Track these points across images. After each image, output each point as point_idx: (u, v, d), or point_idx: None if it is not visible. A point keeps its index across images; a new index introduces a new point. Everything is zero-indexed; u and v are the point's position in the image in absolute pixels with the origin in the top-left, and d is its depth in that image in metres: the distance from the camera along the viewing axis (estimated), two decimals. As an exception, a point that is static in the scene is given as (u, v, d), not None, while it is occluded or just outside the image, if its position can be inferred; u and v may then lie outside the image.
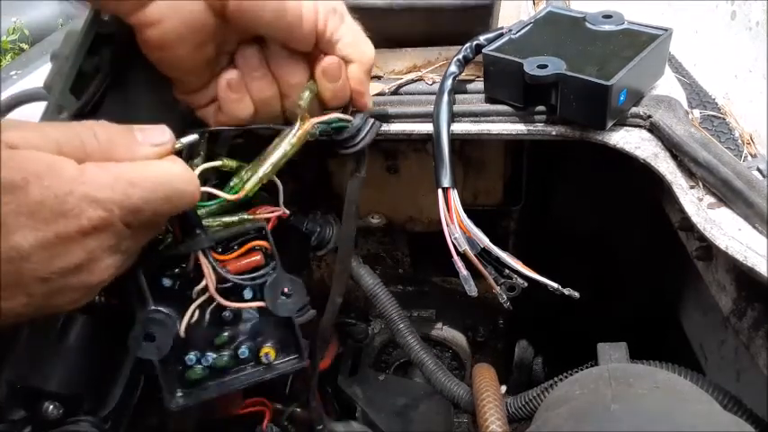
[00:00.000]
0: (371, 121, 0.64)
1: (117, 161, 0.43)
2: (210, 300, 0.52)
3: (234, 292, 0.54)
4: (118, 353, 0.59)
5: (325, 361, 0.91)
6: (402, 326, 0.74)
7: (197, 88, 0.54)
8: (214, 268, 0.51)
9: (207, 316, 0.54)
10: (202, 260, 0.51)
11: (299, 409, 0.87)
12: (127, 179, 0.42)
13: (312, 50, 0.54)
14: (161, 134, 0.47)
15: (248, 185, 0.54)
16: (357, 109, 0.60)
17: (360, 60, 0.55)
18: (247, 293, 0.54)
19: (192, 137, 0.50)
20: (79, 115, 0.52)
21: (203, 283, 0.52)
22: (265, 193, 0.62)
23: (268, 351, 0.56)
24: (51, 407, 0.54)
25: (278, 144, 0.56)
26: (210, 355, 0.55)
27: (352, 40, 0.55)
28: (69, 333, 0.55)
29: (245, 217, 0.57)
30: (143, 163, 0.44)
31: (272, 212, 0.59)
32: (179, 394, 0.54)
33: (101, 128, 0.44)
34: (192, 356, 0.54)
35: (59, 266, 0.40)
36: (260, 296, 0.54)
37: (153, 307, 0.51)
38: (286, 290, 0.54)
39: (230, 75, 0.54)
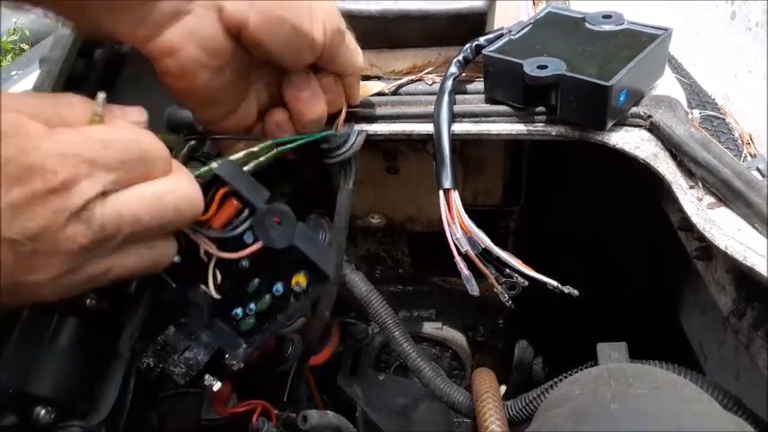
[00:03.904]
0: (357, 131, 0.65)
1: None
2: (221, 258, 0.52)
3: (235, 243, 0.52)
4: (110, 356, 0.59)
5: (324, 355, 0.90)
6: (397, 333, 0.73)
7: (218, 118, 0.54)
8: (200, 233, 0.51)
9: (227, 274, 0.54)
10: (187, 229, 0.50)
11: (293, 414, 0.87)
12: (99, 138, 0.40)
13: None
14: (138, 114, 0.46)
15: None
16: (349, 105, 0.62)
17: (353, 74, 0.57)
18: (248, 238, 0.53)
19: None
20: None
21: (202, 248, 0.51)
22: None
23: (299, 279, 0.55)
24: (43, 411, 0.53)
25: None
26: (251, 304, 0.55)
27: (350, 56, 0.56)
28: (61, 336, 0.55)
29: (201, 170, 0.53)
30: (114, 126, 0.43)
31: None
32: (243, 347, 0.56)
33: (79, 101, 0.43)
34: (237, 311, 0.55)
35: (24, 227, 0.38)
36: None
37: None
38: (274, 220, 0.53)
39: (279, 116, 0.57)
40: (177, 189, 0.45)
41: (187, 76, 0.48)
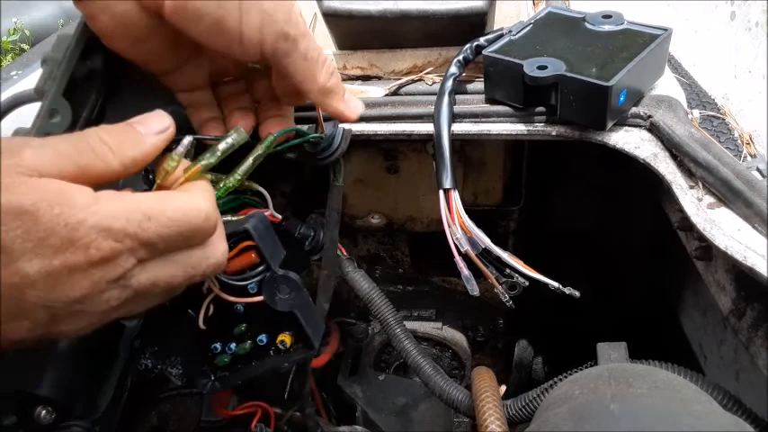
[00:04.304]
0: (342, 129, 0.66)
1: (131, 158, 0.43)
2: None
3: (239, 288, 0.56)
4: (107, 356, 0.59)
5: (324, 357, 0.90)
6: (398, 330, 0.73)
7: (160, 74, 0.55)
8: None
9: (221, 310, 0.57)
10: None
11: (297, 414, 0.88)
12: (143, 211, 0.41)
13: None
14: (160, 121, 0.46)
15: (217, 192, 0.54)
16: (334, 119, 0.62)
17: (312, 90, 0.54)
18: (252, 288, 0.56)
19: (188, 138, 0.49)
20: (85, 125, 0.52)
21: (206, 283, 0.55)
22: (257, 199, 0.62)
23: (284, 338, 0.58)
24: (44, 412, 0.54)
25: (246, 157, 0.57)
26: (232, 344, 0.58)
27: (302, 67, 0.53)
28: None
29: (231, 219, 0.58)
30: (161, 195, 0.44)
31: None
32: (211, 380, 0.59)
33: (106, 133, 0.43)
34: (217, 345, 0.58)
35: (65, 295, 0.39)
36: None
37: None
38: (283, 287, 0.56)
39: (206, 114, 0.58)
40: (211, 257, 0.46)
41: (107, 40, 0.50)
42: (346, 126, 0.66)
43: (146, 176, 0.53)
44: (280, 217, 0.64)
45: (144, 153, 0.45)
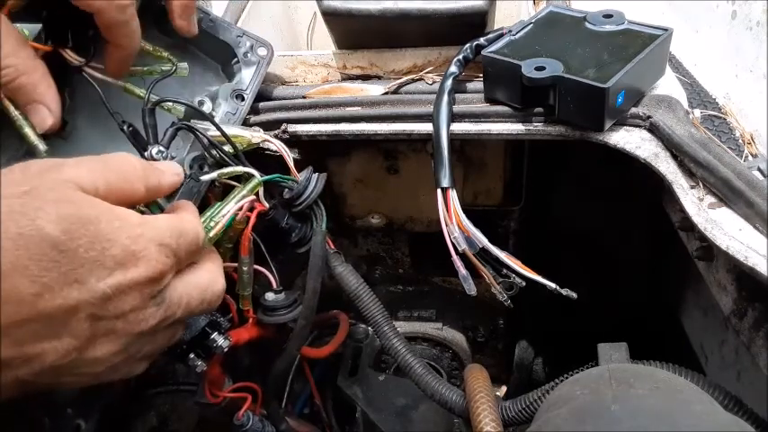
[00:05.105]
0: (317, 176, 0.68)
1: (155, 183, 0.48)
2: None
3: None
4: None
5: (330, 347, 0.90)
6: (387, 328, 0.70)
7: None
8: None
9: None
10: None
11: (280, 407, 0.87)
12: (177, 228, 0.45)
13: None
14: (177, 167, 0.53)
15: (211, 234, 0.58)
16: None
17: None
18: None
19: (212, 175, 0.60)
20: None
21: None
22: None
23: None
24: None
25: (229, 200, 0.61)
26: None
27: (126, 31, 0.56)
28: None
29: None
30: (176, 216, 0.48)
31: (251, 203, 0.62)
32: None
33: (134, 158, 0.47)
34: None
35: (122, 308, 0.40)
36: None
37: None
38: None
39: None
40: (216, 283, 0.50)
41: None
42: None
43: None
44: (267, 206, 0.64)
45: (169, 183, 0.50)
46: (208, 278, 0.49)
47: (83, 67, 0.59)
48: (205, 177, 0.60)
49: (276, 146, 0.67)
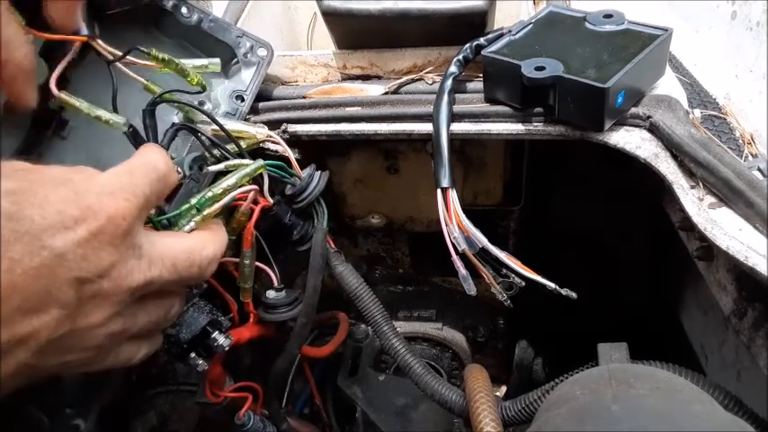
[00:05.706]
0: (319, 172, 0.68)
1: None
2: None
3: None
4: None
5: (329, 347, 0.90)
6: (386, 328, 0.70)
7: None
8: None
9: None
10: None
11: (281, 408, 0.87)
12: (136, 169, 0.46)
13: None
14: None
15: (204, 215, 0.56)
16: None
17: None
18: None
19: (217, 167, 0.60)
20: None
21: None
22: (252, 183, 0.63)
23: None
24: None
25: (230, 176, 0.59)
26: None
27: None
28: None
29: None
30: (142, 155, 0.48)
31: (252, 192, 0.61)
32: None
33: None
34: None
35: (96, 263, 0.40)
36: None
37: None
38: None
39: None
40: (205, 248, 0.50)
41: None
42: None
43: None
44: (271, 201, 0.64)
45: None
46: (195, 241, 0.50)
47: (116, 61, 0.58)
48: (212, 168, 0.60)
49: (278, 141, 0.67)
